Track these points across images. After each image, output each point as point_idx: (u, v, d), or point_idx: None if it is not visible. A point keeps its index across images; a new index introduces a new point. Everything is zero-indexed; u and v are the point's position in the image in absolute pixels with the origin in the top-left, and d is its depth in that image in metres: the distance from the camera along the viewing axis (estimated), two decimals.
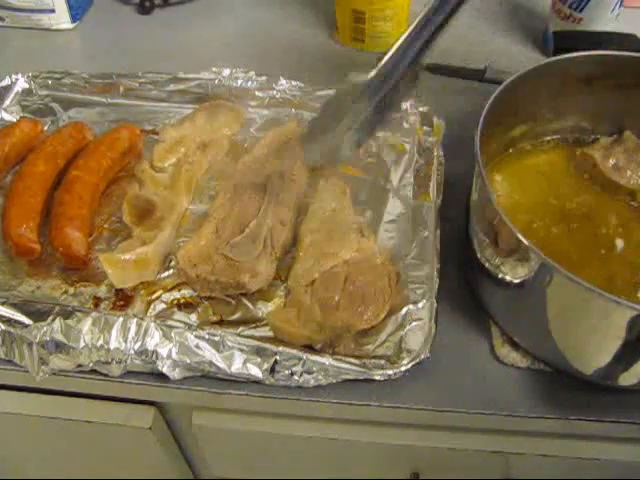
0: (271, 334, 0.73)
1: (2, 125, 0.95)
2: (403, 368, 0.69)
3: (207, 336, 0.71)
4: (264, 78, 0.99)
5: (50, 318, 0.72)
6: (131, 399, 0.81)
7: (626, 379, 0.67)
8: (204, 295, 0.77)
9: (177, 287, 0.78)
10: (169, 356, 0.70)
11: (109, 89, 1.00)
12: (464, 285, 0.78)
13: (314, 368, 0.69)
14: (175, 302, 0.77)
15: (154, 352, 0.70)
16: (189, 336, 0.71)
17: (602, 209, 0.79)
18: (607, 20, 1.02)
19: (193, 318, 0.75)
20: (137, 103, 0.99)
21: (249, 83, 0.99)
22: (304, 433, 0.82)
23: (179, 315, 0.75)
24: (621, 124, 0.84)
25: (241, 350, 0.70)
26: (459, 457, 0.82)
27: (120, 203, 0.85)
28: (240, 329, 0.73)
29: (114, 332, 0.71)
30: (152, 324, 0.72)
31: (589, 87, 0.80)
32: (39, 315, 0.73)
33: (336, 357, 0.70)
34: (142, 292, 0.77)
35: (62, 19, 1.15)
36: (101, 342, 0.70)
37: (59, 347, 0.71)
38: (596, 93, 0.80)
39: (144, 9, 1.21)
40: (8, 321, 0.72)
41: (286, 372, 0.70)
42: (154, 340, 0.71)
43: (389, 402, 0.70)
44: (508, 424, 0.71)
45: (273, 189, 0.84)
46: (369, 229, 0.81)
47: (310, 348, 0.71)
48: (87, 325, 0.71)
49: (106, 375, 0.72)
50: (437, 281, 0.75)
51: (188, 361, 0.70)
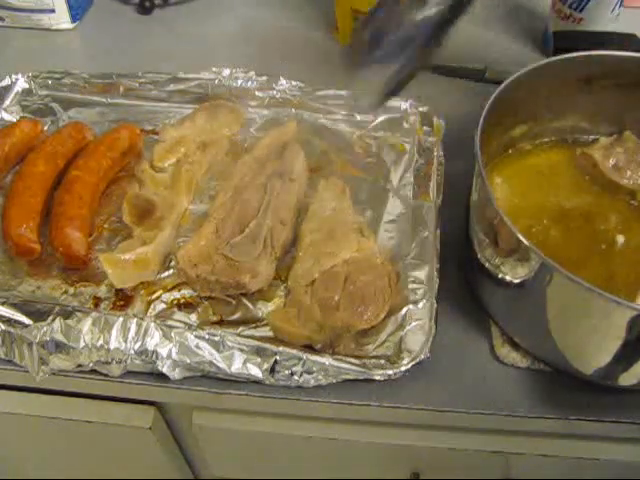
0: (271, 334, 0.73)
1: (2, 125, 0.95)
2: (403, 368, 0.69)
3: (207, 336, 0.71)
4: (264, 78, 0.99)
5: (50, 318, 0.72)
6: (131, 399, 0.81)
7: (626, 379, 0.67)
8: (204, 295, 0.77)
9: (177, 287, 0.78)
10: (169, 356, 0.70)
11: (109, 89, 1.00)
12: (464, 285, 0.78)
13: (314, 368, 0.69)
14: (175, 302, 0.77)
15: (154, 352, 0.70)
16: (189, 336, 0.71)
17: (602, 209, 0.78)
18: (607, 20, 1.02)
19: (193, 318, 0.75)
20: (137, 103, 0.99)
21: (249, 83, 0.99)
22: (304, 433, 0.82)
23: (179, 315, 0.75)
24: (621, 124, 0.84)
25: (241, 350, 0.70)
26: (459, 457, 0.82)
27: (120, 203, 0.85)
28: (240, 329, 0.73)
29: (114, 332, 0.71)
30: (152, 324, 0.72)
31: (589, 87, 0.80)
32: (39, 315, 0.73)
33: (336, 357, 0.70)
34: (142, 292, 0.77)
35: (62, 19, 1.15)
36: (101, 342, 0.70)
37: (59, 347, 0.71)
38: (596, 93, 0.80)
39: (144, 9, 1.20)
40: (8, 321, 0.72)
41: (286, 372, 0.70)
42: (154, 340, 0.71)
43: (389, 402, 0.70)
44: (508, 424, 0.71)
45: (273, 189, 0.84)
46: (369, 229, 0.81)
47: (310, 348, 0.71)
48: (87, 325, 0.71)
49: (106, 375, 0.72)
50: (437, 281, 0.76)
51: (188, 361, 0.70)
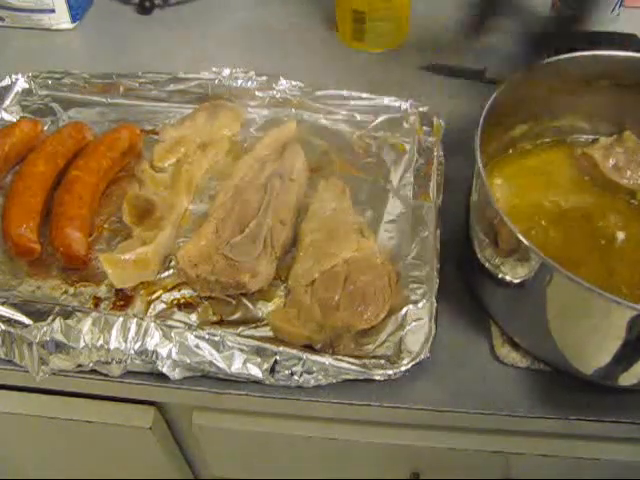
0: (271, 334, 0.73)
1: (2, 125, 0.95)
2: (403, 368, 0.69)
3: (207, 336, 0.71)
4: (264, 78, 0.99)
5: (50, 318, 0.72)
6: (131, 399, 0.81)
7: (626, 379, 0.67)
8: (204, 295, 0.77)
9: (177, 287, 0.78)
10: (169, 356, 0.70)
11: (109, 89, 1.00)
12: (464, 285, 0.78)
13: (314, 368, 0.69)
14: (175, 302, 0.77)
15: (154, 352, 0.70)
16: (189, 336, 0.71)
17: (602, 209, 0.78)
18: (607, 20, 1.02)
19: (193, 318, 0.75)
20: (137, 103, 0.99)
21: (249, 83, 0.99)
22: (304, 433, 0.82)
23: (179, 315, 0.75)
24: (621, 124, 0.84)
25: (241, 350, 0.70)
26: (459, 457, 0.82)
27: (120, 203, 0.85)
28: (240, 329, 0.73)
29: (114, 332, 0.71)
30: (152, 324, 0.72)
31: (589, 87, 0.80)
32: (39, 315, 0.73)
33: (336, 357, 0.70)
34: (142, 292, 0.77)
35: (62, 19, 1.15)
36: (101, 342, 0.70)
37: (59, 347, 0.71)
38: (596, 93, 0.80)
39: (144, 9, 1.20)
40: (8, 321, 0.72)
41: (286, 372, 0.70)
42: (154, 340, 0.71)
43: (389, 402, 0.70)
44: (508, 424, 0.71)
45: (273, 189, 0.84)
46: (369, 229, 0.81)
47: (310, 348, 0.71)
48: (87, 325, 0.71)
49: (106, 375, 0.72)
50: (437, 281, 0.75)
51: (188, 361, 0.70)
